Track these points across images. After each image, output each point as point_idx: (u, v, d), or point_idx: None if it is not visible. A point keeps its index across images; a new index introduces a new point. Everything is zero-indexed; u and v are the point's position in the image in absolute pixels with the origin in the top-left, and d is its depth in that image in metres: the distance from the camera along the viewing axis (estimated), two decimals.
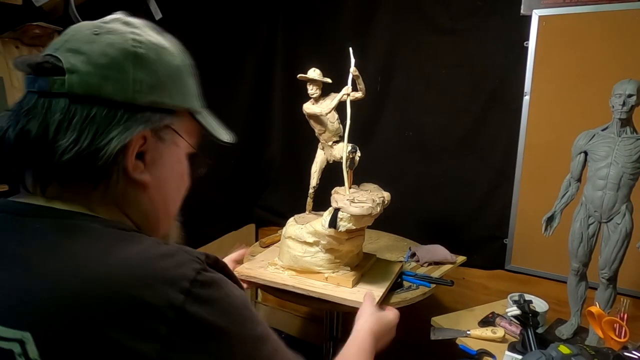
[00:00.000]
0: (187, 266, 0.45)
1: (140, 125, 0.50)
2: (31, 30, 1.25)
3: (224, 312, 0.45)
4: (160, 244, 0.48)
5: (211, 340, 0.44)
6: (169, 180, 0.57)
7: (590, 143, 1.28)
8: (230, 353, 0.46)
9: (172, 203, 0.60)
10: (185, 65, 0.58)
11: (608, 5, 1.53)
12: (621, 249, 1.23)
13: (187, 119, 0.58)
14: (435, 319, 1.51)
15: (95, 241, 0.46)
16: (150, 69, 0.52)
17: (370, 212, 1.16)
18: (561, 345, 1.03)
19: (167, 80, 0.54)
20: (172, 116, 0.55)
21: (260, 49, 2.26)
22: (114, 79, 0.49)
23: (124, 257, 0.44)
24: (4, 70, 1.25)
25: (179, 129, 0.56)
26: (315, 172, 1.56)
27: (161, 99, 0.53)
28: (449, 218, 1.94)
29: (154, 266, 0.43)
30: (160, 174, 0.55)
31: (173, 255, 0.45)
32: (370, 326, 0.86)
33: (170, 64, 0.55)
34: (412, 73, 1.96)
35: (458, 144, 1.90)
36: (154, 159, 0.53)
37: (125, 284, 0.41)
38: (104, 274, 0.42)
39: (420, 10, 1.90)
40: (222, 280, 0.48)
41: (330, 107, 1.37)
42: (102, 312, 0.40)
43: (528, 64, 1.69)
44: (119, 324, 0.39)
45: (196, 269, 0.45)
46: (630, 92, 1.19)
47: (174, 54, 0.56)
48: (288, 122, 2.29)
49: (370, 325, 0.86)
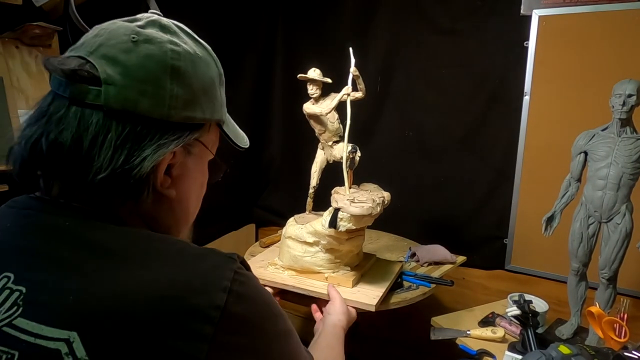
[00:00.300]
0: (225, 267, 0.46)
1: (173, 142, 0.49)
2: (31, 30, 1.25)
3: (261, 308, 0.48)
4: (191, 245, 0.48)
5: (253, 336, 0.46)
6: (192, 191, 0.57)
7: (590, 143, 1.28)
8: (269, 348, 0.48)
9: (193, 212, 0.61)
10: (218, 75, 0.57)
11: (608, 5, 1.53)
12: (621, 249, 1.23)
13: (214, 129, 0.58)
14: (435, 319, 1.51)
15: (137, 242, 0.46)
16: (186, 84, 0.50)
17: (370, 212, 1.16)
18: (561, 346, 1.03)
19: (201, 94, 0.53)
20: (201, 129, 0.54)
21: (260, 49, 2.26)
22: (151, 95, 0.47)
23: (166, 260, 0.45)
24: (4, 70, 1.25)
25: (206, 140, 0.56)
26: (315, 172, 1.56)
27: (194, 114, 0.52)
28: (449, 218, 1.94)
29: (195, 268, 0.44)
30: (185, 187, 0.55)
31: (208, 256, 0.46)
32: (344, 325, 1.00)
33: (205, 76, 0.54)
34: (412, 73, 1.96)
35: (458, 144, 1.90)
36: (181, 174, 0.53)
37: (172, 287, 0.41)
38: (151, 276, 0.42)
39: (420, 10, 1.90)
40: (254, 278, 0.49)
41: (330, 107, 1.37)
42: (149, 313, 0.40)
43: (528, 64, 1.69)
44: (166, 326, 0.40)
45: (233, 268, 0.46)
46: (630, 92, 1.19)
47: (208, 64, 0.55)
48: (288, 122, 2.29)
49: (344, 324, 1.00)
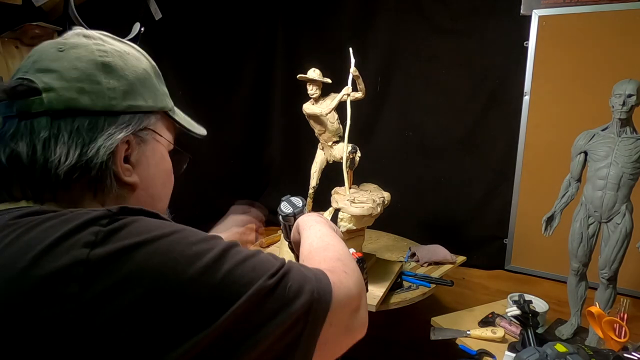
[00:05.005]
0: (91, 224, 0.41)
1: (122, 130, 0.52)
2: (31, 30, 1.25)
3: (136, 234, 0.41)
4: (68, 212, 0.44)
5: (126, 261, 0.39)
6: (156, 178, 0.59)
7: (590, 143, 1.28)
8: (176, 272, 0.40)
9: (160, 200, 0.61)
10: (151, 67, 0.61)
11: (608, 5, 1.53)
12: (621, 249, 1.23)
13: (163, 118, 0.61)
14: (435, 319, 1.51)
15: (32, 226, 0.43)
16: (120, 76, 0.54)
17: (370, 213, 1.16)
18: (558, 344, 1.02)
19: (138, 84, 0.56)
20: (148, 117, 0.57)
21: (261, 50, 2.26)
22: (89, 90, 0.51)
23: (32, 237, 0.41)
24: (3, 70, 1.25)
25: (156, 128, 0.59)
26: (315, 172, 1.56)
27: (136, 103, 0.55)
28: (449, 218, 1.94)
29: (55, 235, 0.40)
30: (146, 173, 0.57)
31: (73, 219, 0.42)
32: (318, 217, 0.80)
33: (137, 68, 0.57)
34: (412, 73, 1.96)
35: (458, 144, 1.90)
36: (139, 160, 0.56)
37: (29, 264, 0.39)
38: (14, 255, 0.40)
39: (420, 10, 1.90)
40: (135, 219, 0.43)
41: (330, 107, 1.37)
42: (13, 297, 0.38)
43: (528, 64, 1.69)
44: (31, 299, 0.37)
45: (103, 222, 0.41)
46: (630, 92, 1.19)
47: (139, 58, 0.58)
48: (288, 122, 2.29)
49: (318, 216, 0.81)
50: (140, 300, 0.38)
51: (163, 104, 0.60)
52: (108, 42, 0.56)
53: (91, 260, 0.38)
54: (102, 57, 0.53)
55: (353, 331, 0.53)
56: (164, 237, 0.42)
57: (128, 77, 0.55)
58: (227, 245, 0.45)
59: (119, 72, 0.54)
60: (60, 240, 0.40)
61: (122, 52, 0.56)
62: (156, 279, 0.39)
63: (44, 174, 0.49)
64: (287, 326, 0.44)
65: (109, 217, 0.42)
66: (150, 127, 0.57)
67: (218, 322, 0.39)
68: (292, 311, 0.44)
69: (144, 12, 1.48)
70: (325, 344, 0.48)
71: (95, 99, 0.51)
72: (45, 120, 0.49)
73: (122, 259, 0.39)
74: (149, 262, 0.39)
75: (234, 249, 0.45)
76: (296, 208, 0.86)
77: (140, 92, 0.56)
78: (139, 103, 0.55)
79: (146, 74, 0.58)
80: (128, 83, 0.54)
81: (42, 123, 0.49)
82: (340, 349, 0.52)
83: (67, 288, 0.37)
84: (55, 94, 0.49)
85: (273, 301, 0.43)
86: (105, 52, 0.54)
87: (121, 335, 0.37)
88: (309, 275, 0.48)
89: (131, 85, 0.55)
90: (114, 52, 0.55)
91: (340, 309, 0.49)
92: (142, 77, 0.57)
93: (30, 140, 0.49)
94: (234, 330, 0.41)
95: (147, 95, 0.57)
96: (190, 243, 0.43)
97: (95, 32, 0.57)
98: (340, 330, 0.50)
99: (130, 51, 0.58)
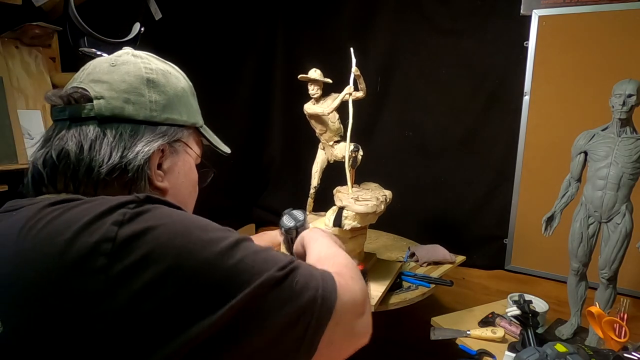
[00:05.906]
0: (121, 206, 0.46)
1: (159, 139, 0.59)
2: (31, 30, 1.25)
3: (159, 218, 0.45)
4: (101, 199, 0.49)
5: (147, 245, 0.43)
6: (183, 187, 0.65)
7: (590, 143, 1.28)
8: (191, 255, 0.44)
9: (185, 208, 0.62)
10: (189, 86, 0.68)
11: (608, 5, 1.54)
12: (621, 249, 1.23)
13: (194, 133, 0.67)
14: (435, 319, 1.51)
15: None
16: (161, 91, 0.61)
17: (375, 210, 1.16)
18: (558, 344, 1.02)
19: (176, 100, 0.63)
20: (182, 131, 0.64)
21: (260, 49, 2.26)
22: (134, 102, 0.58)
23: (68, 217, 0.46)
24: (3, 70, 1.25)
25: (188, 141, 0.65)
26: (316, 172, 1.56)
27: (173, 116, 0.62)
28: (449, 218, 1.94)
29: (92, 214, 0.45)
30: (176, 181, 0.63)
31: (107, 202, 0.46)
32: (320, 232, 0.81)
33: (176, 86, 0.64)
34: (412, 73, 1.96)
35: (458, 144, 1.90)
36: (170, 168, 0.62)
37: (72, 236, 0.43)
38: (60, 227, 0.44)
39: (420, 10, 1.90)
40: (159, 206, 0.48)
41: (332, 107, 1.37)
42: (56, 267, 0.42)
43: (528, 64, 1.69)
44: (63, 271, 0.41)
45: (131, 206, 0.46)
46: (630, 92, 1.19)
47: (178, 77, 0.66)
48: (288, 122, 2.29)
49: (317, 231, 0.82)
50: (160, 277, 0.41)
51: (195, 119, 0.67)
52: (153, 61, 0.63)
53: (118, 238, 0.42)
54: (148, 73, 0.60)
55: (358, 335, 0.55)
56: (183, 222, 0.46)
57: (168, 93, 0.62)
58: (242, 237, 0.49)
59: (161, 88, 0.61)
60: (96, 219, 0.44)
61: (165, 71, 0.63)
62: (175, 256, 0.43)
63: (88, 171, 0.54)
64: (293, 318, 0.46)
65: (137, 202, 0.47)
66: (183, 139, 0.64)
67: (228, 306, 0.42)
68: (298, 304, 0.47)
69: (144, 12, 1.48)
70: (331, 344, 0.49)
71: (138, 109, 0.58)
72: (93, 124, 0.56)
73: (145, 238, 0.43)
74: (170, 242, 0.43)
75: (248, 242, 0.49)
76: (298, 221, 0.90)
77: (177, 107, 0.63)
78: (175, 117, 0.62)
79: (184, 92, 0.65)
80: (168, 98, 0.61)
81: (90, 127, 0.56)
82: (346, 352, 0.54)
83: (97, 262, 0.41)
84: (105, 101, 0.56)
85: (280, 291, 0.46)
86: (150, 70, 0.61)
87: (142, 310, 0.40)
88: (315, 274, 0.51)
89: (170, 100, 0.62)
90: (158, 71, 0.62)
91: (345, 310, 0.51)
92: (180, 94, 0.64)
93: (79, 140, 0.55)
94: (243, 314, 0.43)
95: (182, 111, 0.64)
96: (208, 230, 0.47)
97: (143, 52, 0.64)
98: (346, 331, 0.52)
99: (172, 71, 0.65)
